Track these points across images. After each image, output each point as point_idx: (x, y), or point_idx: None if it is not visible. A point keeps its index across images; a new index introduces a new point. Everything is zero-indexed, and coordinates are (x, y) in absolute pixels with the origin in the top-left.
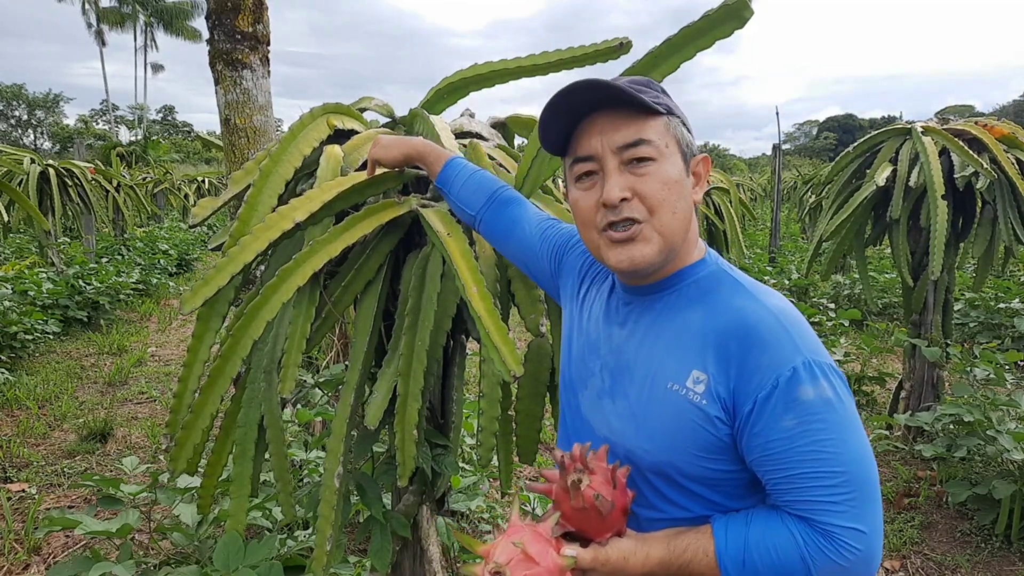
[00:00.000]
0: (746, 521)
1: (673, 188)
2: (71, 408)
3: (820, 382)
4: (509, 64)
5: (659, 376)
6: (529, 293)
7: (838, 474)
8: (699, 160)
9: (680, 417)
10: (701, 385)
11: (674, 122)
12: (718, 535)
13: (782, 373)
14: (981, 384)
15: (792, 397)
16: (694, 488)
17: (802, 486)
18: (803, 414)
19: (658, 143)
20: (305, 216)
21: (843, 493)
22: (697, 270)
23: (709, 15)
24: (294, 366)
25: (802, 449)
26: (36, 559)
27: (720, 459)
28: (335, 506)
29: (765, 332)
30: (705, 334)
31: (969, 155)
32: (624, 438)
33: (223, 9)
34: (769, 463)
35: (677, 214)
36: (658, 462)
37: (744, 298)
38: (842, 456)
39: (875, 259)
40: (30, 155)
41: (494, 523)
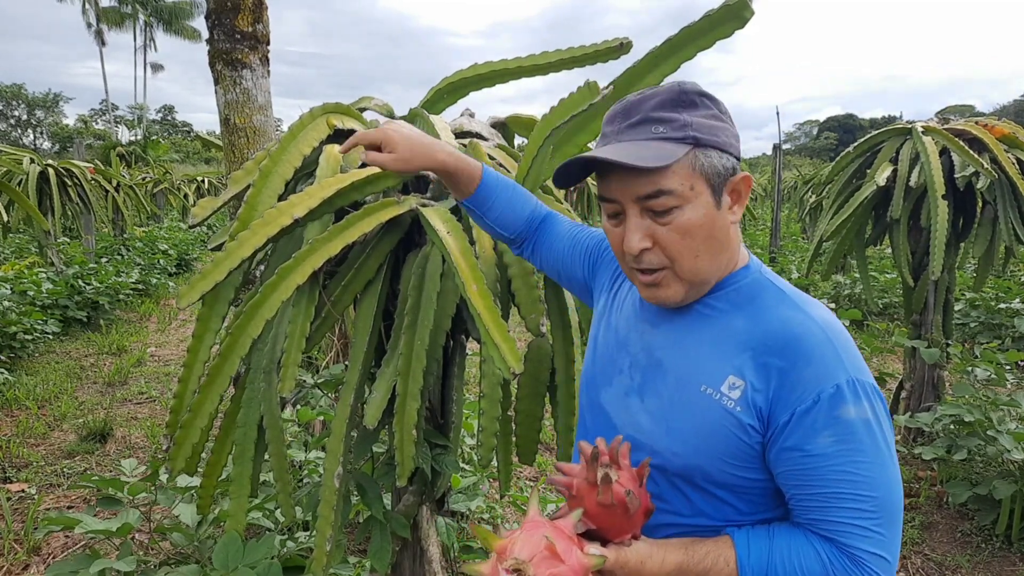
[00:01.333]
0: (768, 535)
1: (696, 233)
2: (71, 408)
3: (862, 402)
4: (509, 64)
5: (693, 378)
6: (529, 293)
7: (870, 498)
8: (738, 180)
9: (711, 421)
10: (736, 391)
11: (701, 155)
12: (739, 545)
13: (825, 389)
14: (982, 384)
15: (833, 415)
16: (720, 494)
17: (832, 506)
18: (842, 433)
19: (679, 190)
20: (304, 212)
21: (872, 518)
22: (739, 277)
23: (710, 15)
24: (294, 366)
25: (836, 468)
26: (36, 559)
27: (749, 467)
28: (335, 506)
29: (811, 345)
30: (746, 341)
31: (969, 155)
32: (652, 438)
33: (223, 9)
34: (799, 479)
35: (700, 256)
36: (686, 465)
37: (789, 308)
38: (875, 480)
39: (875, 259)
40: (30, 155)
41: (494, 523)
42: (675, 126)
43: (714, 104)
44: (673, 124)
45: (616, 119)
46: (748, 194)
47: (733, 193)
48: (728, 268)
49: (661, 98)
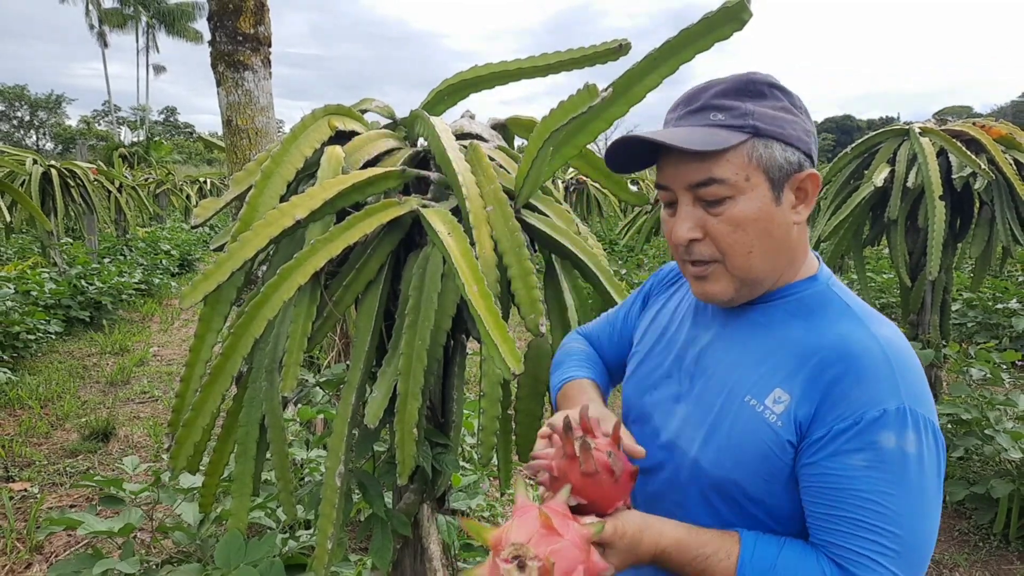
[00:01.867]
0: (778, 544)
1: (750, 227)
2: (73, 408)
3: (908, 433)
4: (509, 66)
5: (738, 387)
6: (529, 293)
7: (893, 535)
8: (803, 177)
9: (750, 434)
10: (781, 406)
11: (760, 145)
12: (745, 544)
13: (869, 412)
14: (978, 384)
15: (870, 439)
16: (753, 511)
17: (848, 531)
18: (875, 459)
19: (733, 179)
20: (306, 213)
21: (891, 556)
22: (803, 287)
23: (708, 17)
24: (295, 365)
25: (860, 493)
26: (38, 558)
27: (785, 487)
28: (336, 505)
29: (867, 364)
30: (801, 354)
31: (967, 156)
32: (691, 445)
33: (225, 11)
34: (819, 495)
35: (753, 253)
36: (721, 478)
37: (852, 323)
38: (903, 518)
39: (873, 259)
40: (32, 156)
41: (494, 521)
42: (734, 114)
43: (786, 96)
44: (733, 112)
45: (679, 107)
46: (816, 194)
47: (799, 191)
48: (790, 274)
49: (725, 86)
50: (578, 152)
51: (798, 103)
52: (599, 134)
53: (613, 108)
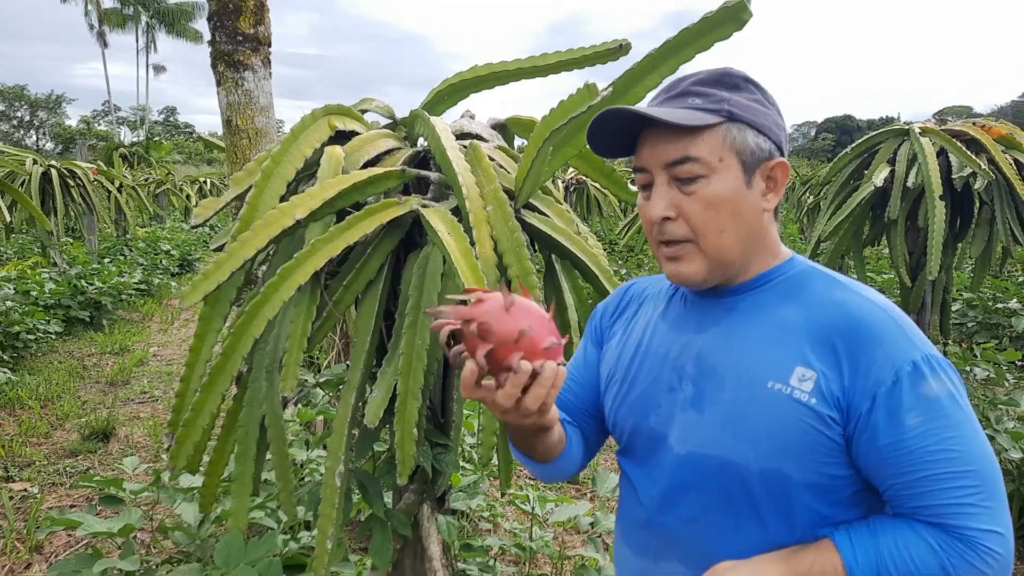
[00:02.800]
0: (871, 532)
1: (722, 207)
2: (73, 408)
3: (940, 377)
4: (509, 66)
5: (757, 376)
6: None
7: (969, 473)
8: (773, 165)
9: (786, 418)
10: (808, 383)
11: (735, 129)
12: (843, 548)
13: (903, 368)
14: (980, 384)
15: (917, 393)
16: (803, 498)
17: (934, 488)
18: (929, 411)
19: (708, 159)
20: (306, 213)
21: (976, 493)
22: (784, 269)
23: (707, 17)
24: (295, 365)
25: (931, 448)
26: (38, 558)
27: (833, 462)
28: (336, 505)
29: (876, 325)
30: (808, 329)
31: (967, 156)
32: (720, 448)
33: (225, 11)
34: (894, 466)
35: (725, 233)
36: (764, 469)
37: (844, 292)
38: (971, 454)
39: (873, 259)
40: (32, 156)
41: (494, 521)
42: (711, 99)
43: (758, 90)
44: (710, 98)
45: (659, 94)
46: (785, 183)
47: (768, 180)
48: (767, 261)
49: (703, 76)
50: (578, 152)
51: (770, 98)
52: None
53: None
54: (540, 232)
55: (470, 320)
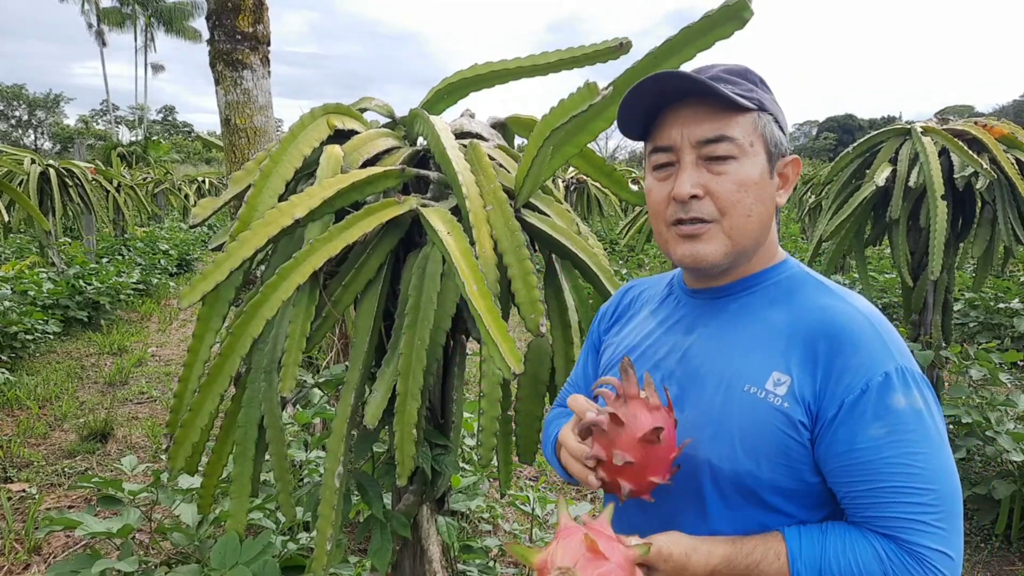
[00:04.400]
0: (822, 531)
1: (751, 190)
2: (71, 408)
3: (913, 391)
4: (509, 65)
5: (736, 379)
6: (529, 293)
7: (929, 491)
8: (788, 161)
9: (760, 421)
10: (783, 387)
11: (764, 119)
12: (791, 540)
13: (873, 377)
14: (978, 385)
15: (883, 404)
16: (774, 501)
17: (890, 501)
18: (894, 423)
19: (742, 141)
20: (305, 212)
21: (933, 512)
22: (777, 272)
23: (709, 16)
24: (294, 365)
25: (891, 461)
26: (36, 559)
27: (804, 468)
28: (335, 506)
29: (856, 333)
30: (790, 334)
31: (969, 155)
32: (698, 448)
33: (223, 10)
34: (852, 474)
35: (751, 217)
36: (738, 472)
37: (831, 298)
38: (933, 472)
39: (875, 259)
40: (30, 155)
41: (494, 523)
42: (743, 88)
43: (770, 92)
44: (742, 86)
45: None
46: (795, 180)
47: (782, 175)
48: (768, 257)
49: (730, 67)
50: (578, 151)
51: (777, 101)
52: (599, 133)
53: (614, 107)
54: (540, 232)
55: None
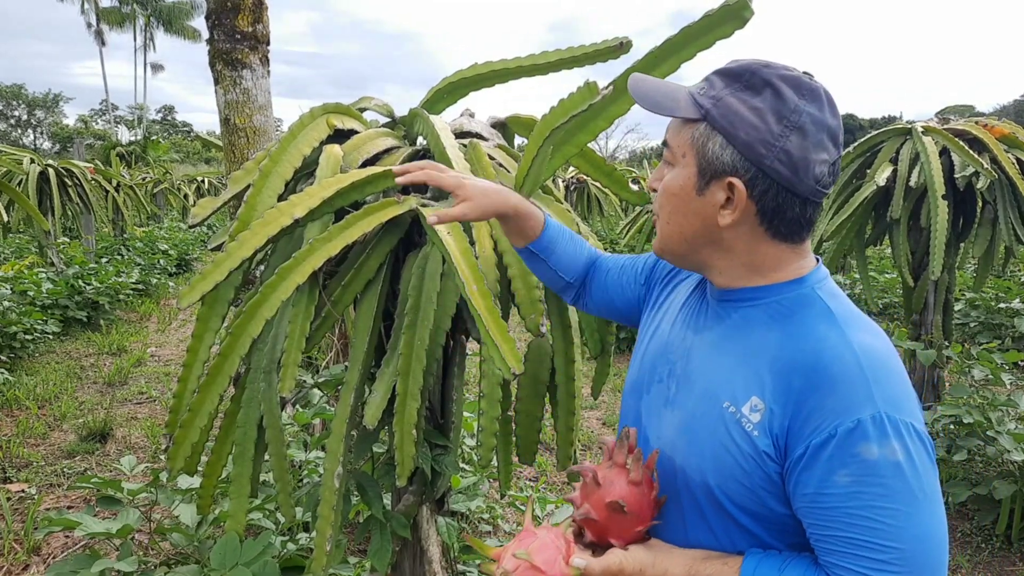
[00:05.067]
0: (781, 564)
1: (669, 198)
2: (71, 408)
3: (890, 442)
4: (509, 64)
5: (719, 393)
6: (529, 293)
7: (891, 549)
8: (723, 184)
9: (729, 442)
10: (757, 414)
11: (706, 131)
12: (745, 571)
13: (843, 423)
14: (979, 385)
15: (850, 452)
16: (741, 519)
17: (845, 551)
18: (860, 473)
19: (676, 149)
20: (304, 212)
21: (890, 571)
22: (786, 288)
23: (709, 15)
24: (293, 365)
25: (853, 512)
26: (36, 559)
27: (768, 495)
28: (335, 506)
29: (837, 372)
30: (775, 359)
31: (969, 155)
32: (676, 451)
33: (223, 9)
34: (815, 517)
35: (670, 225)
36: (707, 483)
37: (829, 328)
38: (900, 531)
39: (875, 259)
40: (30, 155)
41: (494, 523)
42: (706, 93)
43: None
44: (707, 92)
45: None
46: (741, 205)
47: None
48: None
49: (733, 65)
50: (579, 151)
51: (791, 117)
52: (600, 132)
53: (614, 106)
54: None
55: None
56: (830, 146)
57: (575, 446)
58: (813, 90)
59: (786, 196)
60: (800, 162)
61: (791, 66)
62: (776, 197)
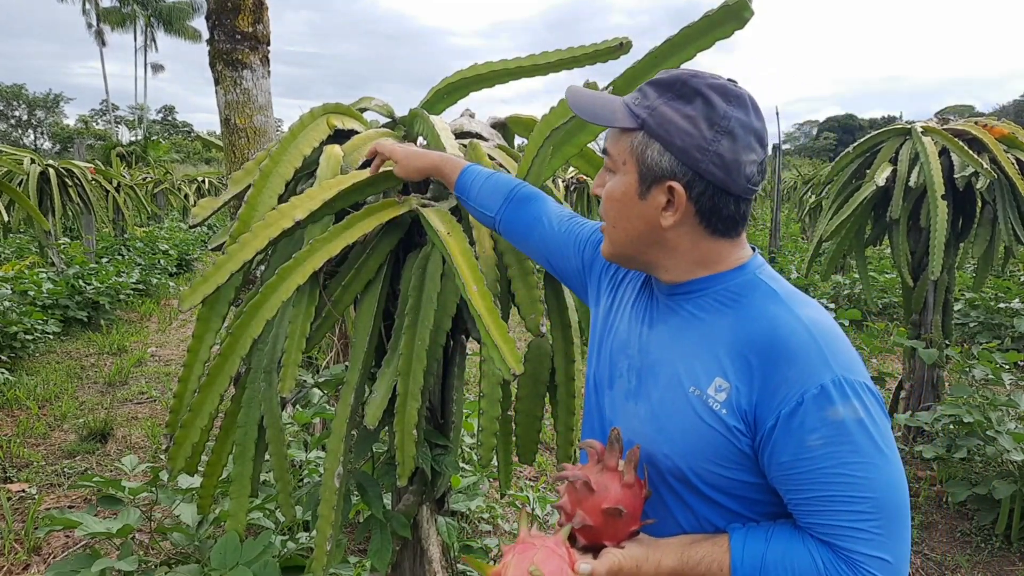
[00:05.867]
0: (766, 537)
1: (612, 204)
2: (71, 408)
3: (851, 402)
4: (509, 64)
5: (683, 379)
6: (529, 293)
7: (865, 499)
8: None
9: (699, 423)
10: (723, 393)
11: (644, 139)
12: (735, 549)
13: (808, 389)
14: (980, 384)
15: (819, 416)
16: (714, 496)
17: (825, 509)
18: (830, 434)
19: (616, 157)
20: (305, 214)
21: (870, 520)
22: (731, 276)
23: (709, 16)
24: (294, 365)
25: (827, 471)
26: (36, 559)
27: (739, 469)
28: (335, 506)
29: (794, 345)
30: (732, 341)
31: (969, 155)
32: (645, 441)
33: (223, 9)
34: (791, 483)
35: (616, 229)
36: (677, 467)
37: (777, 307)
38: (871, 481)
39: (875, 259)
40: (30, 155)
41: (494, 523)
42: (641, 104)
43: (708, 109)
44: (641, 102)
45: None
46: (682, 207)
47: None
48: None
49: (665, 77)
50: (578, 151)
51: (721, 122)
52: (599, 133)
53: None
54: None
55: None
56: (757, 147)
57: (575, 446)
58: (739, 96)
59: (721, 196)
60: (732, 164)
61: (717, 75)
62: (712, 197)
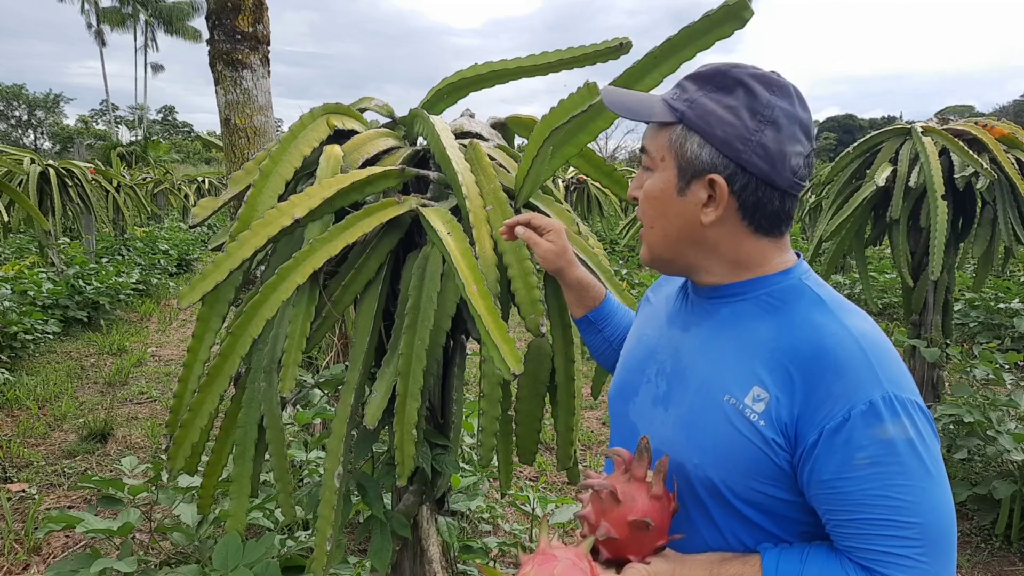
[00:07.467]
0: (801, 559)
1: (651, 203)
2: (71, 408)
3: (901, 420)
4: (509, 64)
5: (717, 386)
6: (529, 293)
7: (912, 525)
8: (704, 182)
9: (733, 433)
10: (761, 404)
11: (683, 133)
12: (767, 570)
13: (856, 405)
14: (981, 384)
15: (867, 434)
16: (747, 512)
17: (867, 532)
18: (878, 453)
19: (654, 154)
20: (305, 212)
21: (914, 547)
22: (773, 280)
23: (709, 16)
24: (294, 365)
25: (873, 493)
26: (36, 559)
27: (776, 486)
28: (335, 506)
29: (842, 356)
30: (774, 349)
31: (969, 155)
32: (675, 448)
33: (223, 9)
34: (831, 502)
35: (654, 229)
36: (708, 478)
37: (823, 315)
38: (919, 506)
39: (875, 259)
40: (30, 155)
41: (494, 523)
42: (680, 97)
43: (751, 99)
44: (680, 96)
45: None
46: (724, 201)
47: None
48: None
49: (703, 70)
50: (578, 151)
51: (764, 112)
52: (600, 133)
53: None
54: None
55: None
56: (803, 139)
57: (575, 446)
58: (783, 86)
59: (765, 190)
60: (777, 155)
61: (758, 66)
62: (756, 191)
